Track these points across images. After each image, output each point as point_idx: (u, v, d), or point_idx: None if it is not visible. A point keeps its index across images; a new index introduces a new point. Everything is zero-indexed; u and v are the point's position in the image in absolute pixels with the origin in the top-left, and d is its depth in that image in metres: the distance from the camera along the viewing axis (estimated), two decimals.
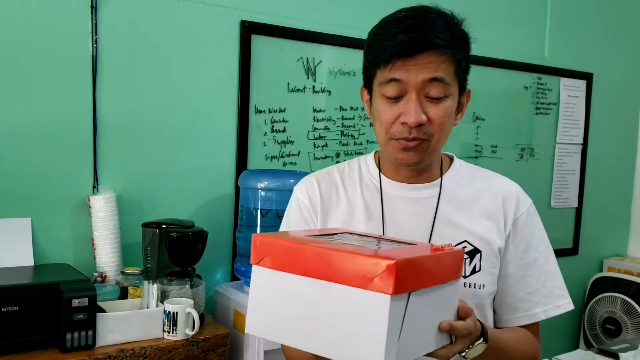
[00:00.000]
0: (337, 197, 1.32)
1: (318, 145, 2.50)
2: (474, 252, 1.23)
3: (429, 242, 1.22)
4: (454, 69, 1.16)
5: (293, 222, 1.34)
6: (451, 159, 1.34)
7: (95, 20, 2.00)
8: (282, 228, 1.37)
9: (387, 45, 1.12)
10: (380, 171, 1.31)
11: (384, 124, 1.17)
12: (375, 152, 1.35)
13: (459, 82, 1.19)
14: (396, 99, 1.14)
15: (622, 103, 3.56)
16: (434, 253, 0.92)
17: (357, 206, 1.29)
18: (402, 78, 1.12)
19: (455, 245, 1.23)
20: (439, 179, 1.28)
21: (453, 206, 1.26)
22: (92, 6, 1.99)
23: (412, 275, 0.85)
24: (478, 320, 1.07)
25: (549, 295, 1.26)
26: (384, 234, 1.25)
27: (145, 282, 1.83)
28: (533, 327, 1.29)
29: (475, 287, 1.22)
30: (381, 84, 1.16)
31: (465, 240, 1.24)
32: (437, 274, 0.92)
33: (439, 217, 1.25)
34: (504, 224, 1.26)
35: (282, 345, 1.23)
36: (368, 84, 1.23)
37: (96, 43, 2.01)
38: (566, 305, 1.29)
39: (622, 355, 1.73)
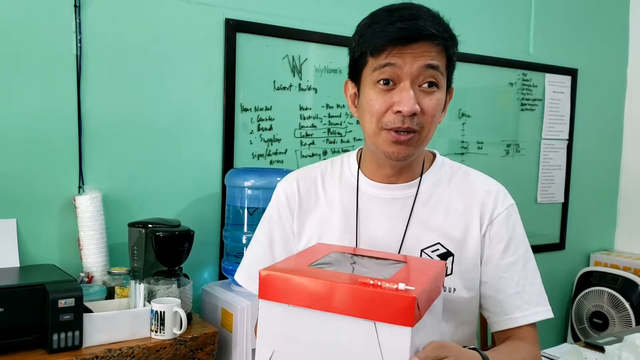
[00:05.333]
0: (315, 196, 1.32)
1: (305, 143, 2.50)
2: (446, 255, 1.22)
3: (401, 244, 1.22)
4: (446, 62, 1.16)
5: (270, 219, 1.36)
6: (434, 157, 1.33)
7: (79, 19, 1.99)
8: (260, 224, 1.38)
9: (383, 32, 1.11)
10: (360, 169, 1.31)
11: (375, 114, 1.15)
12: (359, 149, 1.35)
13: (447, 78, 1.19)
14: (388, 84, 1.13)
15: (607, 98, 3.59)
16: (334, 281, 0.89)
17: (335, 205, 1.29)
18: (398, 63, 1.11)
19: (427, 248, 1.22)
20: (418, 178, 1.27)
21: (429, 207, 1.25)
22: (75, 5, 1.98)
23: (282, 289, 0.91)
24: (479, 352, 1.02)
25: (528, 301, 1.23)
26: (357, 233, 1.25)
27: (132, 282, 1.82)
28: (527, 332, 1.24)
29: (446, 291, 1.21)
30: (374, 70, 1.13)
31: (439, 243, 1.23)
32: (325, 300, 0.89)
33: (413, 219, 1.24)
34: (480, 224, 1.24)
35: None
36: (356, 76, 1.21)
37: (80, 42, 2.00)
38: (545, 312, 1.24)
39: (607, 348, 1.74)
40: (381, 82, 1.14)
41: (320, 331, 0.90)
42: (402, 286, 0.85)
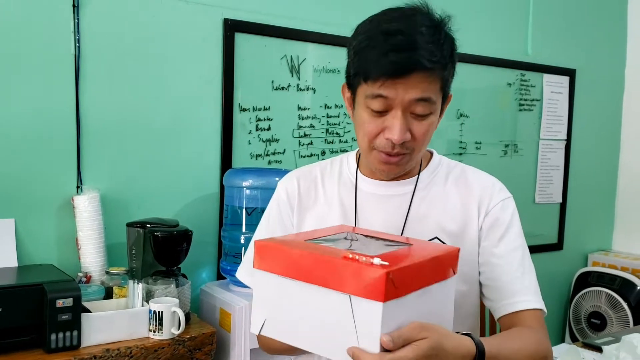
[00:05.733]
0: (315, 195, 1.33)
1: (303, 144, 2.50)
2: None
3: None
4: (441, 85, 1.14)
5: (271, 217, 1.37)
6: (431, 155, 1.34)
7: (78, 19, 1.99)
8: (261, 222, 1.40)
9: (376, 63, 1.09)
10: (358, 168, 1.32)
11: (367, 135, 1.16)
12: (358, 149, 1.36)
13: (443, 96, 1.18)
14: (381, 113, 1.13)
15: (605, 99, 3.59)
16: (323, 255, 0.91)
17: (334, 204, 1.31)
18: (390, 95, 1.10)
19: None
20: (416, 176, 1.29)
21: (427, 203, 1.26)
22: (74, 5, 1.98)
23: (273, 259, 0.96)
24: (472, 337, 1.00)
25: (528, 287, 1.22)
26: None
27: (131, 282, 1.82)
28: (532, 320, 1.21)
29: None
30: (367, 97, 1.13)
31: (436, 237, 1.24)
32: (307, 272, 0.92)
33: (411, 215, 1.25)
34: (477, 216, 1.26)
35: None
36: (351, 87, 1.21)
37: (78, 42, 2.00)
38: (542, 304, 1.23)
39: (605, 348, 1.74)
40: (374, 110, 1.13)
41: (304, 302, 0.93)
42: (376, 261, 0.86)
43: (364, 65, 1.12)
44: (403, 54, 1.07)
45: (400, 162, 1.18)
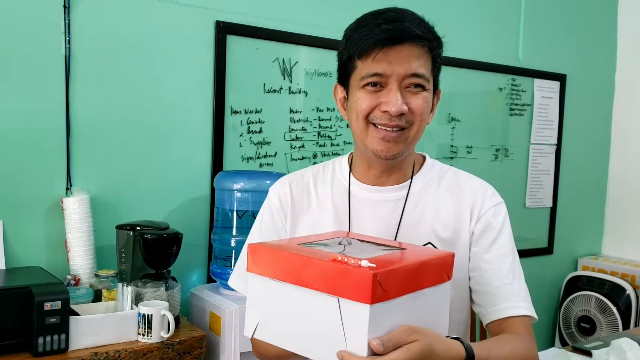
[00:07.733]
0: (308, 200, 1.33)
1: (295, 146, 2.50)
2: None
3: None
4: (431, 65, 1.18)
5: (263, 223, 1.36)
6: (423, 159, 1.34)
7: (68, 20, 1.98)
8: (253, 228, 1.39)
9: (370, 34, 1.14)
10: (351, 172, 1.31)
11: (362, 112, 1.17)
12: (350, 153, 1.36)
13: (434, 80, 1.21)
14: (375, 86, 1.16)
15: (595, 104, 3.60)
16: (314, 258, 0.92)
17: (327, 209, 1.30)
18: (384, 72, 1.14)
19: None
20: (409, 180, 1.28)
21: (420, 208, 1.26)
22: (64, 6, 1.97)
23: (264, 263, 0.97)
24: (462, 342, 1.00)
25: (517, 293, 1.22)
26: None
27: (120, 285, 1.81)
28: (520, 326, 1.21)
29: None
30: (362, 78, 1.16)
31: (429, 242, 1.24)
32: (298, 275, 0.92)
33: (404, 220, 1.25)
34: (469, 221, 1.26)
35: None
36: (345, 79, 1.23)
37: (69, 43, 1.99)
38: (532, 311, 1.23)
39: (594, 352, 1.75)
40: (369, 85, 1.16)
41: (295, 305, 0.93)
42: (364, 263, 0.87)
43: (357, 43, 1.16)
44: (394, 24, 1.13)
45: (399, 139, 1.17)
